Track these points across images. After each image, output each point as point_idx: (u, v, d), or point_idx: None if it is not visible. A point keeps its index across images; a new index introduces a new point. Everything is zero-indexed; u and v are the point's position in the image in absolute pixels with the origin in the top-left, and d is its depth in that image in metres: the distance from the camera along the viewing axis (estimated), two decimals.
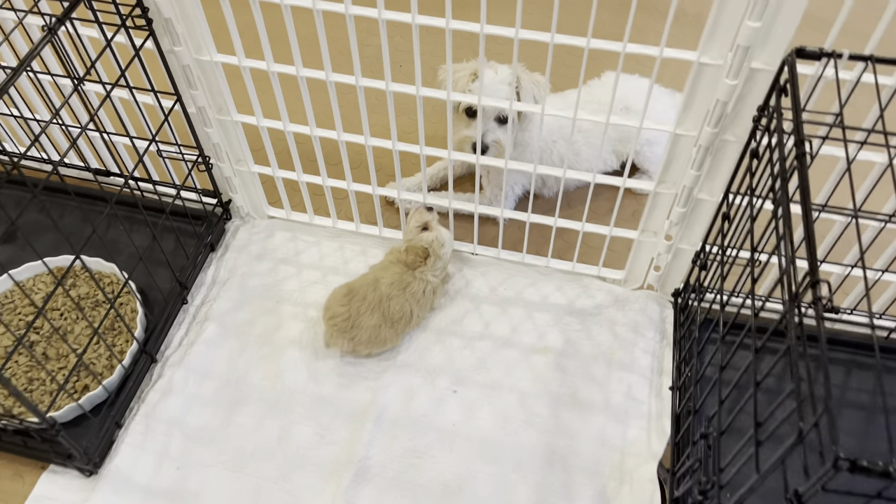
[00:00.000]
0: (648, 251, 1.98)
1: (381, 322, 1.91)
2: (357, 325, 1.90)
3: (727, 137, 1.58)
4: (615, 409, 1.89)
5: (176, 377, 1.94)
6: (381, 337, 1.93)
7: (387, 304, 1.91)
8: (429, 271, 1.96)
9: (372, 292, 1.92)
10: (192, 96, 1.85)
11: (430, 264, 1.97)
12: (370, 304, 1.91)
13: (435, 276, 1.99)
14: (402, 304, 1.93)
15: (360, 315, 1.90)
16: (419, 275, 1.96)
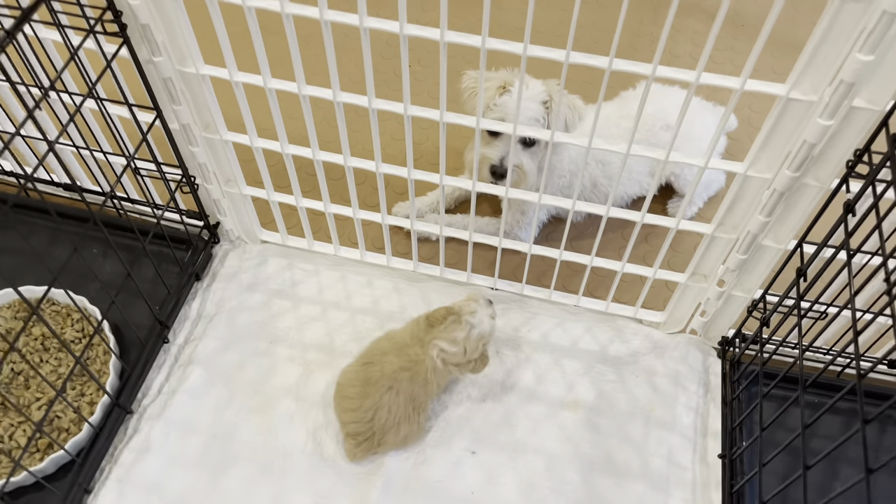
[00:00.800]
0: (695, 295, 1.74)
1: (411, 428, 1.64)
2: (384, 442, 1.63)
3: (808, 181, 1.34)
4: (655, 476, 1.67)
5: (154, 432, 1.70)
6: (408, 441, 1.69)
7: (410, 407, 1.62)
8: (443, 340, 1.60)
9: (395, 395, 1.61)
10: (174, 112, 1.59)
11: (445, 327, 1.61)
12: (396, 412, 1.61)
13: (451, 351, 1.60)
14: (423, 400, 1.65)
15: (392, 424, 1.61)
16: (429, 346, 1.61)
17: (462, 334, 1.60)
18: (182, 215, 1.88)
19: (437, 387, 1.66)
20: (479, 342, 1.61)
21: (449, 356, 1.60)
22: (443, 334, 1.61)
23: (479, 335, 1.61)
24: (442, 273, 1.95)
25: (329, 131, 2.33)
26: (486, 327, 1.62)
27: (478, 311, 1.63)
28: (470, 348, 1.60)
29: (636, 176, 2.02)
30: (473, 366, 1.63)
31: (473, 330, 1.60)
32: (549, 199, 1.60)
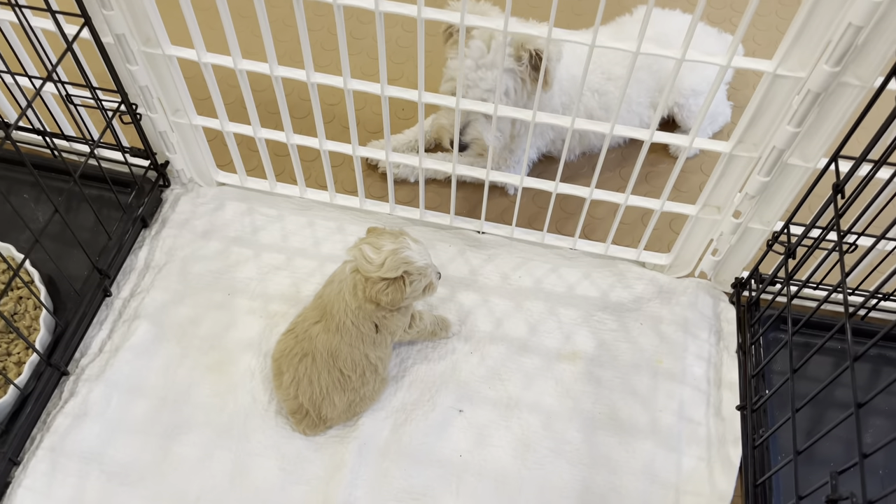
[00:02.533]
0: (706, 230, 1.55)
1: (349, 396, 1.42)
2: (325, 417, 1.42)
3: (847, 80, 1.15)
4: (665, 432, 1.48)
5: (94, 395, 1.47)
6: (361, 403, 1.46)
7: (336, 370, 1.40)
8: (369, 245, 1.33)
9: (311, 362, 1.39)
10: (105, 19, 1.35)
11: (379, 234, 1.36)
12: (319, 381, 1.39)
13: (370, 258, 1.31)
14: (352, 356, 1.39)
15: (323, 395, 1.40)
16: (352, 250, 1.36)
17: (390, 246, 1.31)
18: (124, 152, 1.65)
19: (363, 327, 1.37)
20: (402, 264, 1.30)
21: (364, 264, 1.30)
22: (372, 239, 1.34)
23: (406, 258, 1.31)
24: (422, 216, 1.74)
25: (289, 44, 2.12)
26: (419, 259, 1.33)
27: (421, 246, 1.37)
28: (390, 263, 1.29)
29: (636, 108, 1.82)
30: (381, 288, 1.30)
31: (405, 250, 1.31)
32: (545, 116, 1.39)
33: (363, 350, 1.40)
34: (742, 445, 1.43)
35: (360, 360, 1.40)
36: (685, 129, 1.92)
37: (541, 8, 2.28)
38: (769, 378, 1.51)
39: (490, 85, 1.53)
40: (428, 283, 1.38)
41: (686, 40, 1.18)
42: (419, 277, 1.35)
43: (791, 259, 1.38)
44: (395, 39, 2.18)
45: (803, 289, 1.40)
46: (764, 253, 1.49)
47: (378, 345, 1.41)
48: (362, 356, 1.40)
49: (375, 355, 1.42)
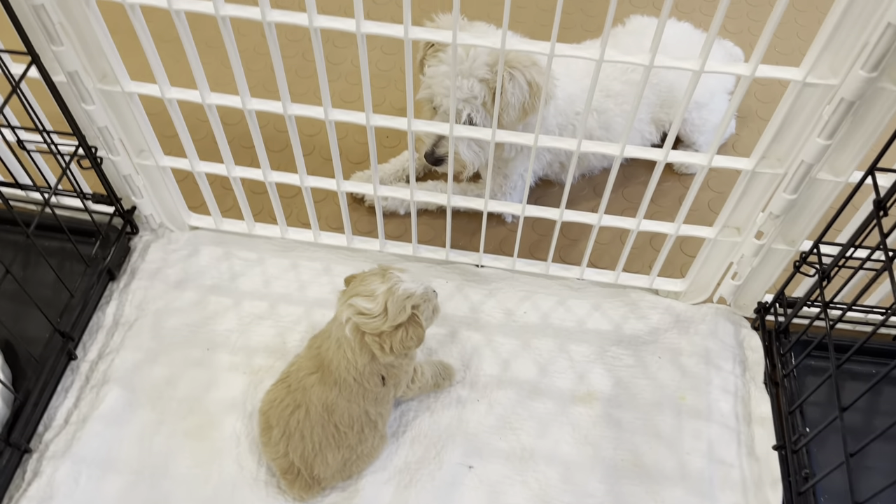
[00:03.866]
0: (725, 253, 1.44)
1: (344, 453, 1.28)
2: (317, 478, 1.28)
3: (885, 85, 1.04)
4: (695, 477, 1.35)
5: (60, 475, 1.32)
6: (358, 463, 1.32)
7: (331, 426, 1.25)
8: (359, 296, 1.19)
9: (305, 415, 1.25)
10: (55, 55, 1.22)
11: (363, 279, 1.22)
12: (312, 437, 1.25)
13: (367, 308, 1.18)
14: (349, 411, 1.25)
15: (316, 451, 1.26)
16: (342, 310, 1.22)
17: (383, 287, 1.17)
18: (84, 199, 1.50)
19: (368, 382, 1.24)
20: (406, 301, 1.18)
21: (364, 317, 1.16)
22: (359, 288, 1.19)
23: (406, 291, 1.18)
24: (415, 251, 1.61)
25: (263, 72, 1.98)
26: (416, 287, 1.19)
27: (408, 273, 1.22)
28: (393, 307, 1.16)
29: (637, 124, 1.71)
30: (402, 336, 1.17)
31: (400, 284, 1.18)
32: (548, 140, 1.27)
33: (363, 406, 1.26)
34: (783, 490, 1.30)
35: (359, 415, 1.26)
36: (689, 143, 1.81)
37: (525, 23, 2.17)
38: (805, 410, 1.38)
39: (466, 94, 1.41)
40: (433, 306, 1.25)
41: (703, 51, 1.07)
42: (426, 305, 1.22)
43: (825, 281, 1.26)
44: (374, 63, 2.06)
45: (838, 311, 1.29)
46: (790, 275, 1.37)
47: (380, 400, 1.28)
48: (361, 412, 1.26)
49: (376, 411, 1.28)
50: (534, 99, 1.40)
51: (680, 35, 1.74)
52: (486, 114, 1.45)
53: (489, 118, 1.45)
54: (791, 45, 2.09)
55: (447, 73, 1.41)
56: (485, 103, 1.44)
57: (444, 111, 1.48)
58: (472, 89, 1.41)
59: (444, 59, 1.44)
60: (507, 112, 1.41)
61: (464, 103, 1.43)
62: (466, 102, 1.43)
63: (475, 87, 1.41)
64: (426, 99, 1.50)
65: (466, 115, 1.45)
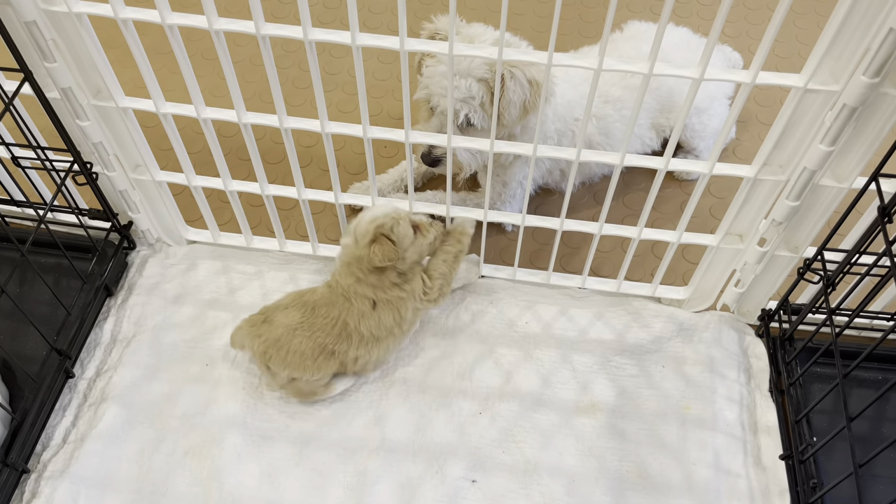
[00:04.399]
0: (728, 261, 1.42)
1: (310, 344, 1.34)
2: (272, 326, 1.36)
3: (888, 90, 1.02)
4: (702, 488, 1.34)
5: (58, 495, 1.30)
6: (307, 360, 1.36)
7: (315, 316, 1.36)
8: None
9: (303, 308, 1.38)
10: (48, 72, 1.20)
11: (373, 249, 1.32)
12: (302, 315, 1.36)
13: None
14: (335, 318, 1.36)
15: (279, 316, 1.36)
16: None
17: (353, 223, 1.35)
18: (80, 215, 1.49)
19: (356, 300, 1.35)
20: (369, 225, 1.31)
21: (345, 254, 1.36)
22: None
23: (370, 217, 1.32)
24: None
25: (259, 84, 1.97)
26: (379, 211, 1.33)
27: (377, 206, 1.38)
28: (359, 232, 1.32)
29: (637, 130, 1.69)
30: (370, 253, 1.30)
31: (365, 214, 1.33)
32: (547, 150, 1.26)
33: (352, 322, 1.36)
34: (791, 500, 1.28)
35: (338, 321, 1.36)
36: (689, 148, 1.79)
37: (522, 30, 2.16)
38: (811, 419, 1.37)
39: (464, 94, 1.40)
40: (412, 224, 1.35)
41: (703, 59, 1.05)
42: (394, 222, 1.31)
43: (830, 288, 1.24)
44: (371, 73, 2.05)
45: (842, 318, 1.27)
46: (794, 282, 1.36)
47: (372, 327, 1.37)
48: (342, 321, 1.36)
49: (365, 332, 1.37)
50: (535, 96, 1.39)
51: (678, 41, 1.73)
52: (485, 114, 1.44)
53: (487, 118, 1.44)
54: (790, 49, 2.08)
55: (445, 74, 1.39)
56: (483, 103, 1.42)
57: (442, 111, 1.46)
58: (470, 89, 1.40)
59: (443, 59, 1.42)
60: (508, 110, 1.39)
61: (461, 103, 1.42)
62: (464, 102, 1.42)
63: (473, 86, 1.40)
64: (423, 99, 1.49)
65: (464, 116, 1.43)
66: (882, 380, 1.46)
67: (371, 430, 1.39)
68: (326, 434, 1.39)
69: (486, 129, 1.46)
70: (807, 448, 1.26)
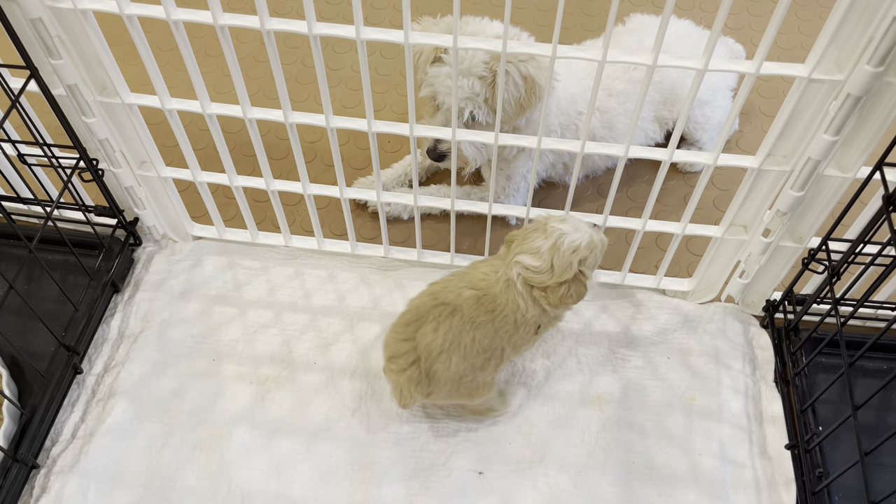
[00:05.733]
0: (733, 252, 1.42)
1: (465, 368, 1.25)
2: (433, 376, 1.24)
3: (892, 80, 1.03)
4: (708, 478, 1.34)
5: (68, 490, 1.31)
6: (466, 389, 1.28)
7: (469, 336, 1.23)
8: (524, 253, 1.21)
9: (449, 314, 1.23)
10: (54, 69, 1.21)
11: (525, 237, 1.22)
12: (448, 335, 1.22)
13: (534, 266, 1.20)
14: (491, 339, 1.25)
15: (434, 355, 1.22)
16: (509, 267, 1.23)
17: (547, 243, 1.19)
18: (87, 212, 1.50)
19: (523, 328, 1.24)
20: (571, 256, 1.19)
21: (532, 274, 1.20)
22: (524, 246, 1.21)
23: (571, 245, 1.19)
24: (419, 256, 1.60)
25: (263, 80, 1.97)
26: (581, 237, 1.20)
27: (569, 220, 1.23)
28: (559, 263, 1.19)
29: (640, 123, 1.70)
30: (564, 293, 1.20)
31: (564, 238, 1.19)
32: (551, 142, 1.26)
33: (503, 343, 1.25)
34: (797, 490, 1.28)
35: (496, 348, 1.25)
36: (692, 140, 1.80)
37: (524, 24, 2.16)
38: (817, 408, 1.37)
39: (467, 93, 1.41)
40: (601, 246, 1.26)
41: (707, 49, 1.06)
42: (592, 254, 1.23)
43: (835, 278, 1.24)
44: (374, 68, 2.05)
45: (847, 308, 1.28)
46: (799, 272, 1.36)
47: (518, 347, 1.28)
48: (499, 347, 1.25)
49: (506, 355, 1.28)
50: (529, 94, 1.39)
51: (680, 33, 1.72)
52: (489, 110, 1.45)
53: (491, 114, 1.45)
54: (793, 40, 2.08)
55: (449, 74, 1.40)
56: (486, 99, 1.43)
57: (448, 108, 1.47)
58: (473, 87, 1.41)
59: (447, 60, 1.43)
60: (503, 108, 1.40)
61: (466, 101, 1.42)
62: (469, 100, 1.43)
63: (476, 84, 1.40)
64: (429, 96, 1.49)
65: (469, 113, 1.44)
66: (888, 369, 1.46)
67: (378, 423, 1.40)
68: (334, 427, 1.39)
69: (490, 124, 1.46)
70: (812, 437, 1.26)
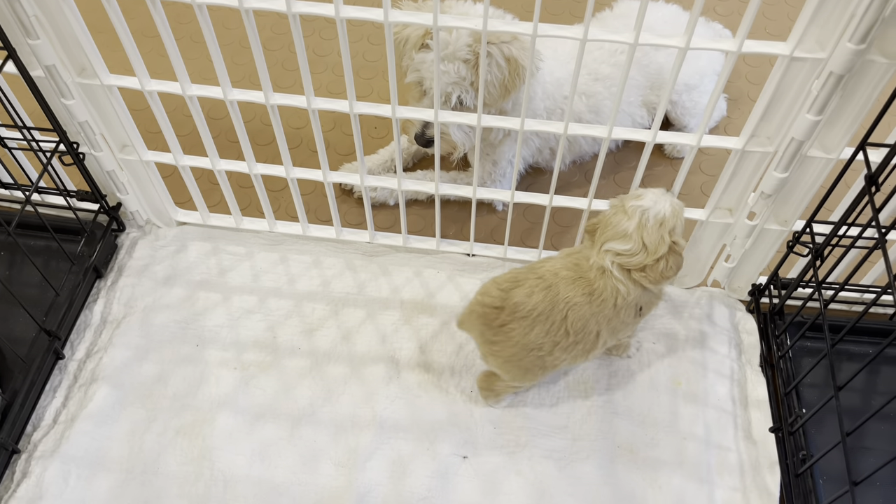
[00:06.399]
0: (718, 236, 1.42)
1: (544, 343, 1.22)
2: (507, 332, 1.21)
3: (874, 58, 1.02)
4: (693, 462, 1.34)
5: (49, 474, 1.30)
6: (528, 363, 1.26)
7: (561, 314, 1.20)
8: (613, 240, 1.18)
9: (546, 287, 1.20)
10: (32, 49, 1.20)
11: (608, 222, 1.20)
12: (539, 305, 1.19)
13: (627, 248, 1.18)
14: (586, 324, 1.22)
15: (518, 315, 1.19)
16: (602, 258, 1.20)
17: (632, 223, 1.17)
18: (68, 196, 1.49)
19: (624, 312, 1.22)
20: (661, 230, 1.17)
21: (627, 258, 1.17)
22: (609, 233, 1.19)
23: (657, 219, 1.16)
24: (405, 242, 1.59)
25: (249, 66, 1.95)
26: (663, 207, 1.17)
27: (645, 194, 1.19)
28: (651, 240, 1.16)
29: (627, 107, 1.69)
30: (663, 267, 1.17)
31: (647, 213, 1.17)
32: (533, 123, 1.25)
33: (600, 326, 1.22)
34: (781, 472, 1.28)
35: (591, 332, 1.22)
36: (680, 126, 1.79)
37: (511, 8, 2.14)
38: (801, 392, 1.37)
39: (455, 77, 1.40)
40: (682, 214, 1.23)
41: (688, 27, 1.05)
42: (677, 221, 1.19)
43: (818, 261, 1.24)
44: (361, 54, 2.04)
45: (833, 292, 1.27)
46: (784, 256, 1.36)
47: (615, 331, 1.25)
48: (594, 331, 1.23)
49: (603, 340, 1.25)
50: (513, 76, 1.38)
51: (668, 17, 1.72)
52: (476, 93, 1.44)
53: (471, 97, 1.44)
54: (782, 27, 2.08)
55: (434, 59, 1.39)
56: (472, 83, 1.42)
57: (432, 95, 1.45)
58: (459, 71, 1.40)
59: (433, 46, 1.42)
60: (487, 90, 1.39)
61: (453, 86, 1.41)
62: (455, 85, 1.41)
63: (461, 68, 1.39)
64: (415, 82, 1.48)
65: (456, 98, 1.43)
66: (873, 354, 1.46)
67: (362, 408, 1.39)
68: (318, 412, 1.39)
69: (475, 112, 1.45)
70: (796, 420, 1.26)
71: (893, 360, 1.44)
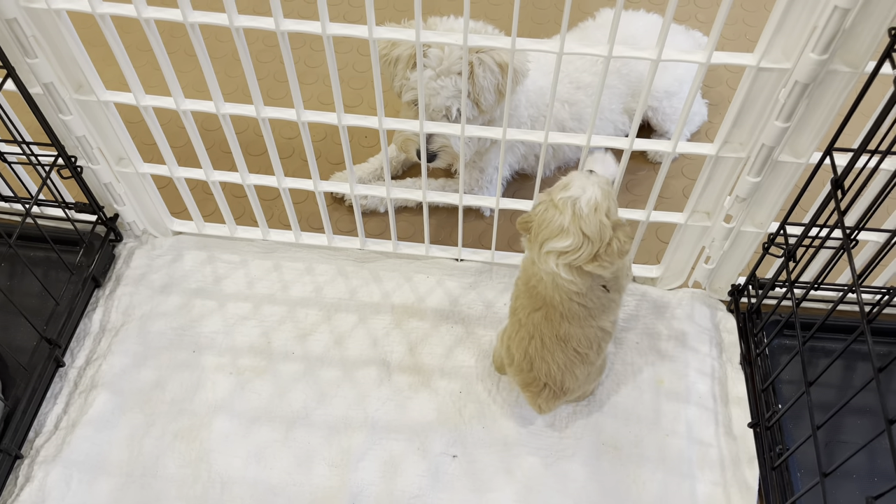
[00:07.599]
0: (697, 238, 1.46)
1: (587, 368, 1.29)
2: (567, 390, 1.29)
3: (837, 67, 1.07)
4: (675, 458, 1.38)
5: (51, 479, 1.34)
6: (594, 375, 1.37)
7: (572, 350, 1.25)
8: (551, 240, 1.11)
9: (542, 346, 1.25)
10: (30, 67, 1.24)
11: (541, 220, 1.12)
12: (557, 360, 1.26)
13: (567, 245, 1.09)
14: (585, 335, 1.24)
15: (558, 380, 1.27)
16: (543, 261, 1.14)
17: (566, 217, 1.08)
18: (66, 208, 1.53)
19: (592, 300, 1.19)
20: (597, 215, 1.08)
21: (574, 254, 1.09)
22: (544, 232, 1.11)
23: (590, 205, 1.08)
24: (395, 248, 1.64)
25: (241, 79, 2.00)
26: (592, 192, 1.09)
27: (571, 183, 1.11)
28: (591, 230, 1.08)
29: (609, 115, 1.74)
30: (617, 247, 1.10)
31: (578, 203, 1.08)
32: (516, 132, 1.30)
33: (595, 324, 1.23)
34: (759, 466, 1.33)
35: (595, 334, 1.25)
36: (661, 132, 1.84)
37: (499, 20, 2.20)
38: (779, 388, 1.41)
39: (451, 92, 1.44)
40: (613, 187, 1.18)
41: (660, 40, 1.10)
42: (611, 201, 1.12)
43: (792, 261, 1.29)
44: (351, 65, 2.09)
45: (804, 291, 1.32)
46: (760, 257, 1.40)
47: (608, 308, 1.23)
48: (596, 330, 1.24)
49: (608, 321, 1.26)
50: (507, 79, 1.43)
51: (648, 26, 1.77)
52: (473, 105, 1.48)
53: (476, 109, 1.49)
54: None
55: (431, 76, 1.43)
56: (469, 94, 1.47)
57: (433, 109, 1.49)
58: (457, 85, 1.44)
59: (428, 63, 1.46)
60: (484, 96, 1.44)
61: (452, 100, 1.46)
62: (454, 98, 1.46)
63: (458, 81, 1.44)
64: (412, 101, 1.52)
65: (456, 111, 1.48)
66: (848, 350, 1.50)
67: (354, 409, 1.44)
68: (312, 415, 1.43)
69: (476, 118, 1.50)
70: (773, 415, 1.31)
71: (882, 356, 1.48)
